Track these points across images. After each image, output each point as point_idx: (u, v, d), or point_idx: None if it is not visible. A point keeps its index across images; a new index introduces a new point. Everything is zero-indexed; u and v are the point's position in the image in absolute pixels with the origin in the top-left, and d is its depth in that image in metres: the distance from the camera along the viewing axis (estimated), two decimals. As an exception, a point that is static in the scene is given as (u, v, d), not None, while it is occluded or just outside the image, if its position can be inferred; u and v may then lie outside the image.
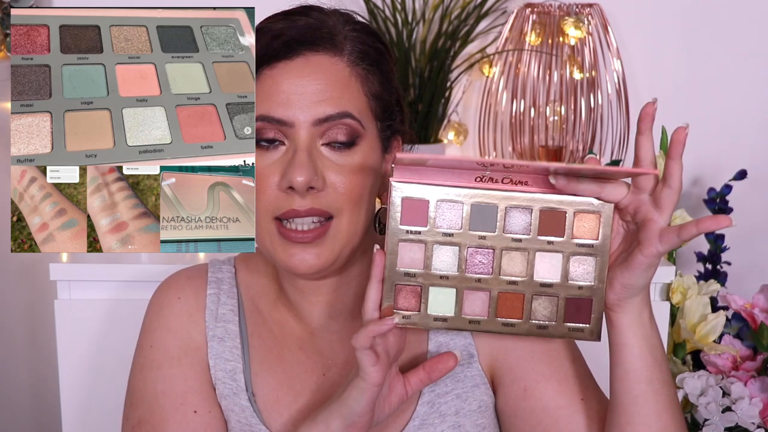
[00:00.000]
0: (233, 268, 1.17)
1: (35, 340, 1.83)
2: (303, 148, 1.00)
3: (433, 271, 0.98)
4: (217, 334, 1.12)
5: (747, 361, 1.64)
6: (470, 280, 0.98)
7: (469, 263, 0.98)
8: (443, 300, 0.98)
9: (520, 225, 0.97)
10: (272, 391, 1.11)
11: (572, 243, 0.97)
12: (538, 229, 0.97)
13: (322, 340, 1.13)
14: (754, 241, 2.07)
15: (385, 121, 1.07)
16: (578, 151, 1.93)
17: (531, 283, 0.98)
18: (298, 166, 0.99)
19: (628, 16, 1.99)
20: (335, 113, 1.01)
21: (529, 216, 0.97)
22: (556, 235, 0.97)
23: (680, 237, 0.92)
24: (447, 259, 0.98)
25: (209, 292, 1.14)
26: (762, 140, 2.06)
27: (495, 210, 0.97)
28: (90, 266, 1.55)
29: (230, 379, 1.11)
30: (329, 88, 1.01)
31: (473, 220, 0.97)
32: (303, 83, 1.01)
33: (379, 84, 1.06)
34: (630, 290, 0.96)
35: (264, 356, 1.12)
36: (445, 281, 0.98)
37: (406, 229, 0.97)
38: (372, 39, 1.08)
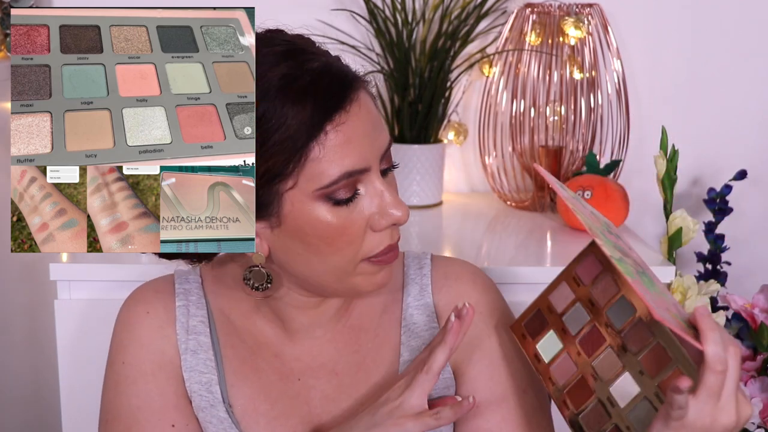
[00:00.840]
0: (199, 278, 1.16)
1: (35, 340, 1.83)
2: (386, 185, 1.02)
3: (563, 319, 1.05)
4: (190, 346, 1.12)
5: (747, 361, 1.64)
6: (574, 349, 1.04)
7: (584, 335, 1.03)
8: (549, 347, 1.06)
9: (635, 340, 1.00)
10: (249, 400, 1.11)
11: (655, 388, 0.98)
12: (643, 355, 0.99)
13: (303, 345, 1.13)
14: (754, 241, 2.07)
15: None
16: (578, 151, 1.93)
17: (604, 389, 1.01)
18: (395, 204, 1.02)
19: (628, 16, 1.99)
20: (389, 140, 1.04)
21: (647, 340, 0.99)
22: (649, 372, 0.98)
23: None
24: (577, 319, 1.04)
25: (178, 304, 1.13)
26: (762, 140, 2.06)
27: (631, 313, 1.01)
28: (90, 266, 1.55)
29: (206, 392, 1.10)
30: (376, 118, 1.02)
31: (614, 308, 1.02)
32: (363, 126, 1.00)
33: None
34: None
35: (238, 367, 1.12)
36: (562, 334, 1.05)
37: (573, 275, 1.06)
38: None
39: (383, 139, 1.02)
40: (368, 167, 1.00)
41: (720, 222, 1.84)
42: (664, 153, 1.74)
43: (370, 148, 1.00)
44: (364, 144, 0.99)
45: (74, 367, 1.57)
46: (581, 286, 1.04)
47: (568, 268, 1.06)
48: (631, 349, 0.99)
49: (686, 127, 1.98)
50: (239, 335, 1.13)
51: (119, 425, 1.10)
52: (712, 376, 0.89)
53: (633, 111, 1.98)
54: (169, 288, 1.15)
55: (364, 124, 1.00)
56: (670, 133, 1.76)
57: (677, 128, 1.84)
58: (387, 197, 1.01)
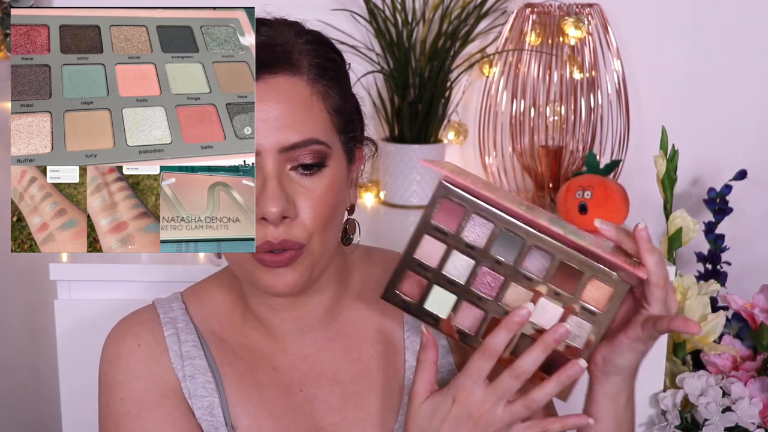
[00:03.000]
0: (183, 303, 1.14)
1: (35, 340, 1.83)
2: (273, 176, 0.99)
3: (443, 272, 1.00)
4: (187, 372, 1.09)
5: (747, 361, 1.64)
6: (472, 295, 1.00)
7: (478, 280, 1.00)
8: (442, 301, 1.00)
9: (536, 266, 0.99)
10: (253, 420, 1.09)
11: (578, 303, 0.99)
12: (552, 278, 0.99)
13: (296, 355, 1.11)
14: (754, 241, 2.07)
15: (348, 133, 1.06)
16: (578, 151, 1.93)
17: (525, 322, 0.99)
18: (271, 197, 0.98)
19: (628, 16, 1.99)
20: (300, 141, 0.99)
21: (549, 262, 0.99)
22: (566, 290, 0.99)
23: (656, 328, 0.95)
24: (460, 267, 1.00)
25: (167, 333, 1.10)
26: (762, 140, 2.06)
27: (521, 244, 0.99)
28: (90, 266, 1.55)
29: (209, 415, 1.08)
30: (292, 112, 0.99)
31: (497, 244, 0.99)
32: (265, 109, 0.99)
33: (339, 96, 1.04)
34: (609, 366, 0.99)
35: (239, 384, 1.10)
36: (450, 286, 1.00)
37: (435, 226, 1.00)
38: (326, 49, 1.05)
39: (288, 134, 0.99)
40: (258, 151, 0.98)
41: (720, 222, 1.84)
42: (664, 153, 1.74)
43: (264, 133, 0.98)
44: (257, 127, 0.98)
45: (74, 367, 1.57)
46: (448, 234, 1.00)
47: (423, 222, 1.00)
48: (535, 276, 0.99)
49: (686, 127, 1.98)
50: (234, 351, 1.11)
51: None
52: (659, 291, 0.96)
53: (633, 111, 1.98)
54: (155, 318, 1.12)
55: (266, 108, 0.98)
56: (670, 133, 1.76)
57: (677, 128, 1.84)
58: (267, 188, 0.98)
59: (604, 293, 0.98)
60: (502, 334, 0.95)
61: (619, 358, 0.98)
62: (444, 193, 0.99)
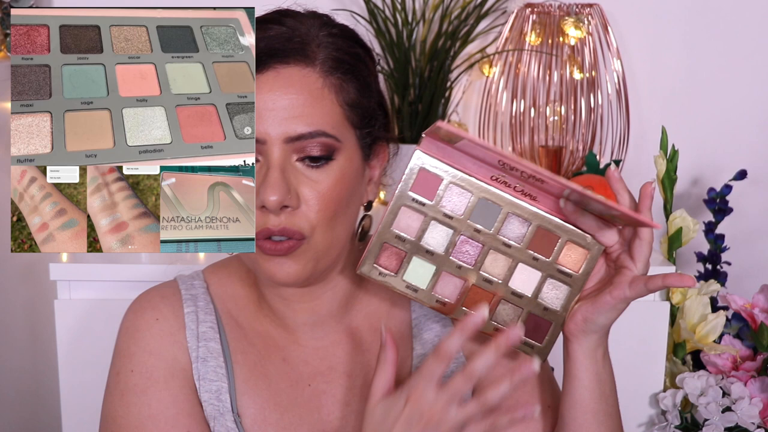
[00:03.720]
0: (204, 282, 1.14)
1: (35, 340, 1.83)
2: (276, 165, 0.99)
3: (422, 243, 1.02)
4: (200, 354, 1.09)
5: (747, 361, 1.64)
6: (452, 264, 1.02)
7: (457, 249, 1.02)
8: (421, 272, 1.02)
9: (514, 233, 1.01)
10: (259, 410, 1.09)
11: (554, 266, 1.02)
12: (529, 243, 1.01)
13: (308, 348, 1.12)
14: (754, 241, 2.07)
15: (365, 129, 1.05)
16: (578, 151, 1.93)
17: (504, 288, 1.02)
18: (270, 186, 0.98)
19: (628, 16, 1.99)
20: (307, 132, 0.99)
21: (526, 228, 1.01)
22: (543, 255, 1.02)
23: (647, 287, 0.97)
24: (439, 237, 1.02)
25: (186, 310, 1.11)
26: (762, 140, 2.06)
27: (498, 211, 1.01)
28: (90, 266, 1.55)
29: (216, 400, 1.08)
30: (300, 104, 0.99)
31: (475, 212, 1.01)
32: (273, 98, 0.99)
33: (357, 91, 1.04)
34: (590, 325, 1.01)
35: (248, 374, 1.10)
36: (428, 257, 1.02)
37: (413, 197, 1.01)
38: (349, 44, 1.05)
39: (295, 125, 0.99)
40: (263, 140, 0.99)
41: (720, 222, 1.84)
42: (664, 153, 1.74)
43: (271, 122, 0.99)
44: (264, 115, 0.99)
45: (74, 367, 1.57)
46: (426, 205, 1.01)
47: (401, 194, 1.01)
48: (513, 242, 1.01)
49: (686, 127, 1.98)
50: (248, 339, 1.12)
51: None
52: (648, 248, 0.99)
53: (633, 111, 1.98)
54: (176, 294, 1.12)
55: (274, 97, 0.99)
56: (670, 133, 1.76)
57: (677, 128, 1.84)
58: (268, 176, 0.99)
59: (580, 255, 1.01)
60: (456, 338, 0.95)
61: (601, 317, 1.00)
62: (420, 163, 1.00)
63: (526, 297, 1.02)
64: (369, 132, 1.06)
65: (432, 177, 1.00)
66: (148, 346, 1.09)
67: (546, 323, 1.03)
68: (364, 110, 1.04)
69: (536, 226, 1.01)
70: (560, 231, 1.01)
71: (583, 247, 1.01)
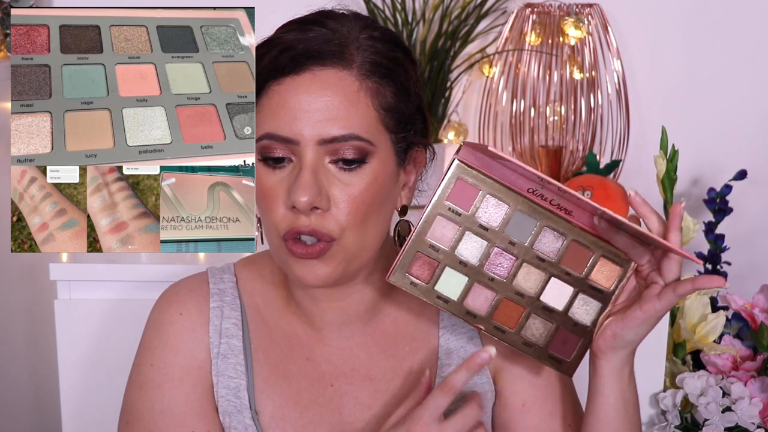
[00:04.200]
0: (234, 276, 1.14)
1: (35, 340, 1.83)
2: (308, 166, 0.99)
3: (456, 254, 1.02)
4: (221, 351, 1.10)
5: (747, 361, 1.64)
6: (484, 276, 1.02)
7: (490, 261, 1.02)
8: (453, 283, 1.02)
9: (549, 247, 1.02)
10: (278, 408, 1.10)
11: (587, 282, 1.02)
12: (563, 258, 1.01)
13: (332, 347, 1.11)
14: (754, 241, 2.07)
15: (400, 134, 1.04)
16: (578, 151, 1.93)
17: (535, 302, 1.02)
18: (302, 187, 0.98)
19: (628, 16, 1.99)
20: (341, 135, 0.99)
21: (560, 243, 1.01)
22: (576, 270, 1.02)
23: (676, 293, 0.98)
24: (473, 248, 1.02)
25: (212, 305, 1.11)
26: (762, 140, 2.06)
27: (534, 224, 1.01)
28: (90, 266, 1.55)
29: (234, 397, 1.09)
30: (336, 106, 0.99)
31: (510, 225, 1.01)
32: (309, 99, 0.99)
33: (394, 95, 1.03)
34: (619, 341, 1.01)
35: (269, 372, 1.10)
36: (461, 267, 1.02)
37: (449, 206, 1.01)
38: (388, 47, 1.04)
39: (329, 127, 0.99)
40: (297, 141, 0.99)
41: (720, 222, 1.84)
42: (664, 153, 1.74)
43: (306, 123, 0.98)
44: (299, 116, 0.98)
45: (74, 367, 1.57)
46: (462, 215, 1.01)
47: (437, 203, 1.01)
48: (548, 257, 1.01)
49: (686, 127, 1.97)
50: (272, 336, 1.12)
51: (139, 428, 1.09)
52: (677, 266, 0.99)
53: (633, 111, 1.98)
54: (204, 287, 1.12)
55: (310, 98, 0.99)
56: (670, 133, 1.76)
57: (677, 128, 1.84)
58: (300, 177, 0.98)
59: (612, 271, 1.01)
60: (462, 374, 0.98)
61: (631, 333, 1.00)
62: (458, 173, 1.00)
63: (557, 312, 1.02)
64: (404, 137, 1.05)
65: (469, 188, 1.01)
66: (169, 342, 1.10)
67: (575, 338, 1.02)
68: (400, 115, 1.04)
69: (570, 241, 1.01)
70: (594, 247, 1.01)
71: (616, 264, 1.01)
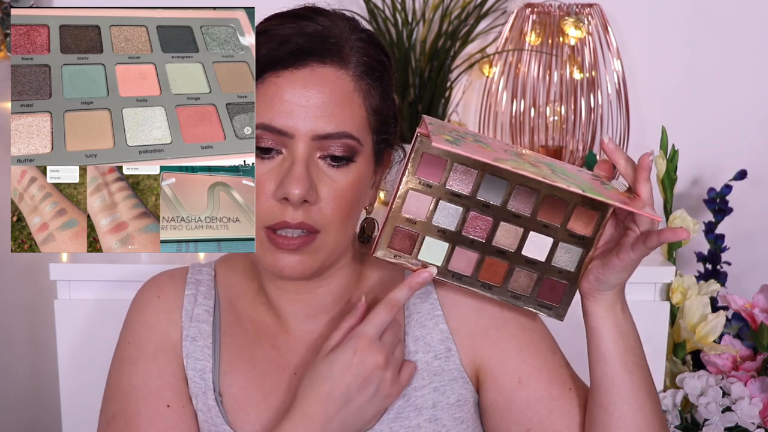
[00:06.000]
0: (213, 270, 1.19)
1: (35, 339, 1.83)
2: (301, 160, 1.01)
3: (433, 223, 1.04)
4: (190, 333, 1.14)
5: (747, 361, 1.64)
6: (464, 240, 1.05)
7: (468, 225, 1.05)
8: (436, 250, 1.05)
9: (523, 203, 1.04)
10: (241, 390, 1.12)
11: (565, 231, 1.05)
12: (539, 212, 1.04)
13: (297, 337, 1.14)
14: (754, 241, 2.07)
15: (381, 135, 1.08)
16: (578, 151, 1.93)
17: (518, 257, 1.05)
18: (296, 179, 1.00)
19: (628, 16, 1.99)
20: (335, 132, 1.01)
21: (534, 198, 1.04)
22: (553, 221, 1.04)
23: (647, 246, 0.99)
24: (449, 216, 1.04)
25: (187, 292, 1.16)
26: (762, 140, 2.06)
27: (504, 185, 1.03)
28: (90, 266, 1.55)
29: (199, 378, 1.12)
30: (332, 103, 1.01)
31: (482, 188, 1.03)
32: (307, 95, 1.01)
33: (380, 98, 1.06)
34: (603, 285, 1.04)
35: (235, 355, 1.13)
36: (441, 235, 1.05)
37: (419, 180, 1.03)
38: (377, 50, 1.07)
39: (324, 123, 1.01)
40: (291, 134, 1.00)
41: (720, 222, 1.84)
42: (664, 153, 1.74)
43: (302, 117, 1.00)
44: (295, 110, 1.00)
45: (74, 367, 1.57)
46: (433, 186, 1.03)
47: (408, 178, 1.03)
48: (522, 213, 1.04)
49: (686, 127, 1.98)
50: (241, 323, 1.15)
51: (117, 403, 1.12)
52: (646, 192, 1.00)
53: (633, 111, 1.98)
54: (182, 276, 1.18)
55: (308, 94, 1.01)
56: (670, 133, 1.76)
57: (677, 128, 1.84)
58: (293, 170, 1.00)
59: (590, 217, 1.04)
60: (404, 291, 1.04)
61: (612, 278, 1.03)
62: (423, 147, 1.02)
63: (540, 263, 1.05)
64: (384, 138, 1.09)
65: (435, 159, 1.02)
66: (146, 320, 1.15)
67: (561, 284, 1.06)
68: (383, 117, 1.07)
69: (543, 195, 1.03)
70: (568, 197, 1.03)
71: (592, 211, 1.03)
